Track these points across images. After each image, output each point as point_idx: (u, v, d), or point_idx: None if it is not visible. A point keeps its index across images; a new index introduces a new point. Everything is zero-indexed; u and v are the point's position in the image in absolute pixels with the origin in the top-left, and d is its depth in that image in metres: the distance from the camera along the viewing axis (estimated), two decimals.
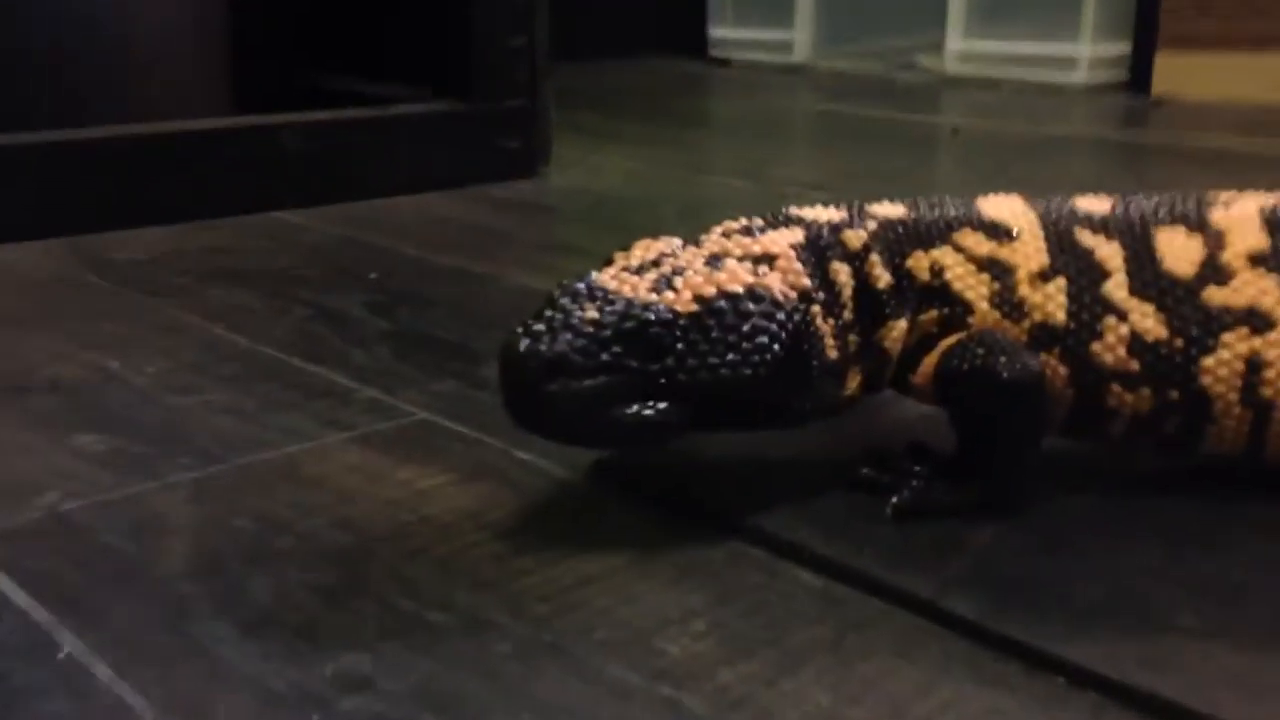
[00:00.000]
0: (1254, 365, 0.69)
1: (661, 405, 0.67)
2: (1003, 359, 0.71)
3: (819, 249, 0.73)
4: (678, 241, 0.73)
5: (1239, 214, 0.72)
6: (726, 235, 0.74)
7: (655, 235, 0.75)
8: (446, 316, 1.21)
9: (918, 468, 0.77)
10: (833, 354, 0.72)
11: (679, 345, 0.67)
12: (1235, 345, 0.69)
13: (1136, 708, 0.59)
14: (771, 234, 0.73)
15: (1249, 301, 0.69)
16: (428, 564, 0.72)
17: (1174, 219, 0.72)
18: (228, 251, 1.47)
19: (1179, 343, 0.70)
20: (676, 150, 2.34)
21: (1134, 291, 0.71)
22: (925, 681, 0.61)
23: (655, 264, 0.70)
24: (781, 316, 0.68)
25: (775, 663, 0.62)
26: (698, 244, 0.73)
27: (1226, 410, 0.70)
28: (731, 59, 3.59)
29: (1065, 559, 0.72)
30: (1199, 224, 0.72)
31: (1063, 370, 0.73)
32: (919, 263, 0.74)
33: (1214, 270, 0.70)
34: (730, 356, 0.67)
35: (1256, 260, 0.70)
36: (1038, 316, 0.74)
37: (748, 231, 0.74)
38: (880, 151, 2.37)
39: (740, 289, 0.68)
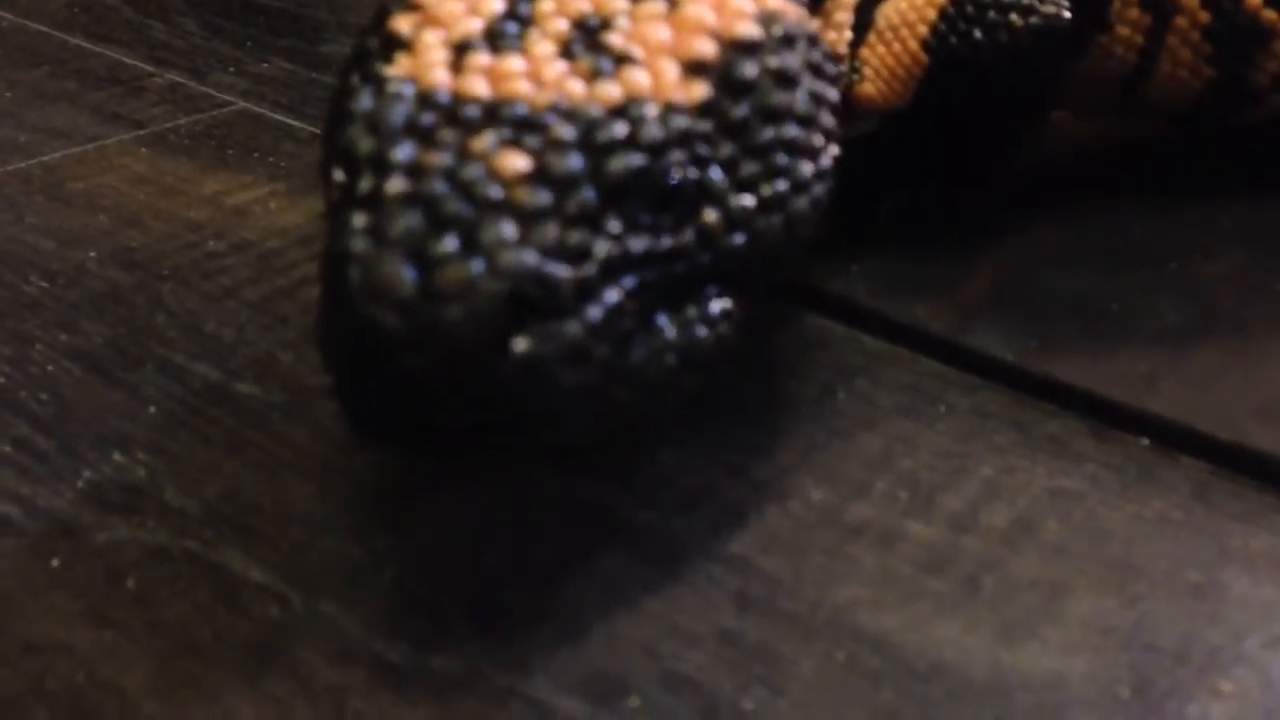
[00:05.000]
0: None
1: (714, 298, 0.38)
2: (1025, 2, 0.51)
3: None
4: None
5: None
6: None
7: None
8: None
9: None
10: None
11: (712, 172, 0.37)
12: None
13: (1254, 475, 0.42)
14: None
15: None
16: (238, 311, 0.52)
17: None
18: None
19: None
20: None
21: None
22: (947, 451, 0.44)
23: (515, 18, 0.38)
24: (818, 58, 0.41)
25: (737, 437, 0.44)
26: None
27: (1123, 12, 0.55)
28: None
29: (1116, 267, 0.54)
30: None
31: None
32: None
33: None
34: (797, 168, 0.39)
35: None
36: None
37: None
38: None
39: (754, 29, 0.39)
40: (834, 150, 0.41)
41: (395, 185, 0.33)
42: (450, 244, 0.32)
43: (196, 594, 0.37)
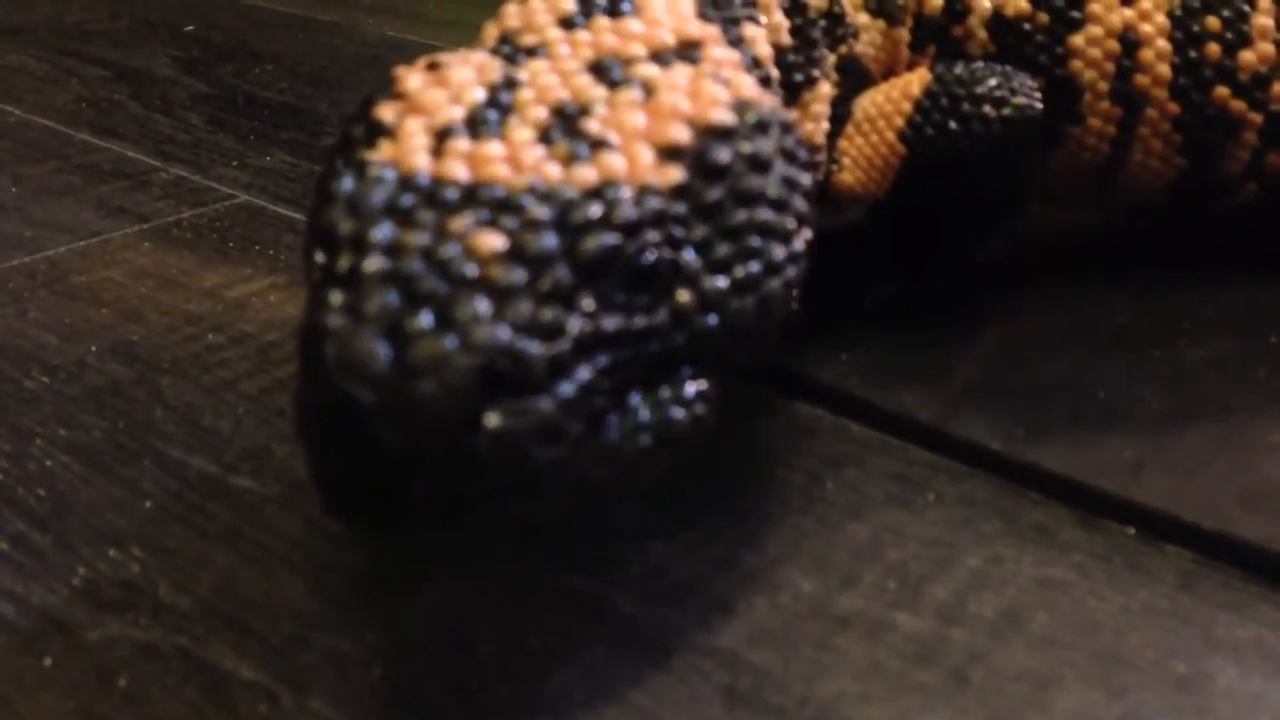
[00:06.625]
0: (1128, 44, 0.55)
1: (689, 379, 0.38)
2: (998, 94, 0.52)
3: (714, 3, 0.46)
4: (479, 55, 0.41)
5: None
6: (570, 23, 0.42)
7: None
8: (281, 74, 0.98)
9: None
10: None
11: (685, 254, 0.38)
12: (1106, 18, 0.55)
13: (1240, 564, 0.42)
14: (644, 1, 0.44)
15: None
16: (236, 405, 0.53)
17: None
18: (5, 3, 1.20)
19: (1043, 17, 0.56)
20: None
21: None
22: (935, 540, 0.44)
23: (496, 106, 0.38)
24: (791, 144, 0.41)
25: (726, 527, 0.44)
26: (527, 50, 0.41)
27: (1094, 104, 0.56)
28: None
29: (1101, 354, 0.54)
30: None
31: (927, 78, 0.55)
32: None
33: None
34: (770, 250, 0.39)
35: None
36: (912, 8, 0.56)
37: (608, 5, 0.43)
38: None
39: (728, 115, 0.39)
40: (807, 234, 0.41)
41: (373, 264, 0.34)
42: (425, 320, 0.33)
43: (186, 692, 0.38)
